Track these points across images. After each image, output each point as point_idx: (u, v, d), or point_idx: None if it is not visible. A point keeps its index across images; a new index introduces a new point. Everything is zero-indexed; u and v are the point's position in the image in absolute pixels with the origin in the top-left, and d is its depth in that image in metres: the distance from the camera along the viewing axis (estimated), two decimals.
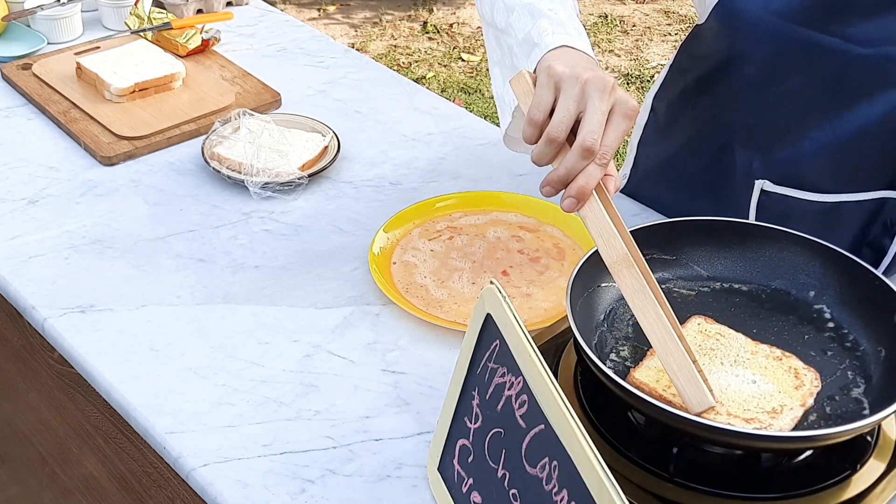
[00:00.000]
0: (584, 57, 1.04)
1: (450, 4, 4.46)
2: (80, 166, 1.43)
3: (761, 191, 1.28)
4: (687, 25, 4.29)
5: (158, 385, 1.08)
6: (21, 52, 1.67)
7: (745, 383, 0.96)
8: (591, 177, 0.95)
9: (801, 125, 1.23)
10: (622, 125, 0.97)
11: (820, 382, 0.97)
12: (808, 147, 1.23)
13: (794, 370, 0.97)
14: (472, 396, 0.90)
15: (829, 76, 1.19)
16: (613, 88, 0.98)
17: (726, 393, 0.95)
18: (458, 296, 1.20)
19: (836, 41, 1.16)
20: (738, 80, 1.25)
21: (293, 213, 1.35)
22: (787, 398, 0.94)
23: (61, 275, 1.23)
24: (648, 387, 0.95)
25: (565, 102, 0.97)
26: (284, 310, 1.18)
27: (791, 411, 0.93)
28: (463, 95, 3.75)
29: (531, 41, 1.08)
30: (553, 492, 0.76)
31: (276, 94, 1.59)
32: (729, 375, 0.97)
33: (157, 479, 1.13)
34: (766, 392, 0.95)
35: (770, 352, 1.00)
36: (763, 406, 0.94)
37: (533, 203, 1.35)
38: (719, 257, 1.11)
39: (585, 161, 0.95)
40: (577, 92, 0.97)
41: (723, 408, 0.93)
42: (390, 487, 0.97)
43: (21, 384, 1.43)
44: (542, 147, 0.98)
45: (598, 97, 0.96)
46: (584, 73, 0.98)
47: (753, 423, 0.92)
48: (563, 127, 0.97)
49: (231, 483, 0.97)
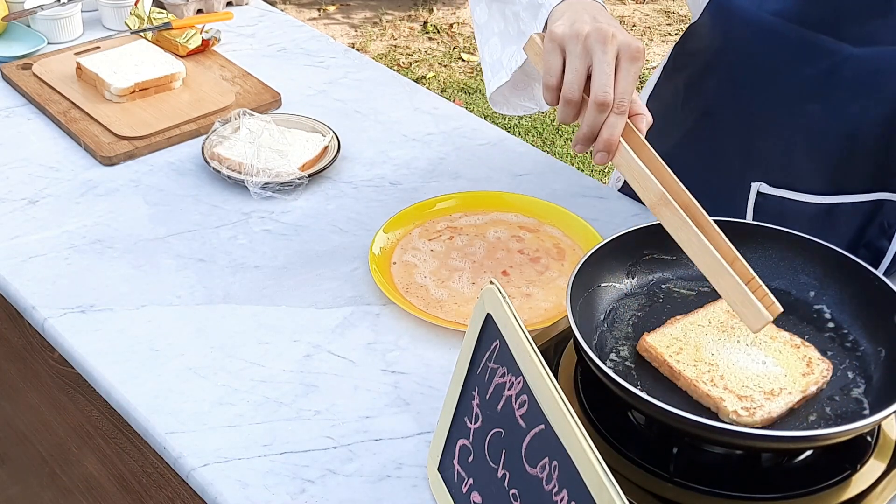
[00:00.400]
0: (590, 5, 1.07)
1: (450, 4, 4.46)
2: (80, 166, 1.43)
3: (758, 193, 1.28)
4: (687, 25, 4.29)
5: (158, 385, 1.08)
6: (21, 52, 1.67)
7: (754, 363, 0.97)
8: (613, 128, 0.99)
9: (793, 125, 1.23)
10: (631, 70, 1.00)
11: (830, 374, 0.97)
12: (799, 148, 1.23)
13: (809, 359, 0.98)
14: (472, 396, 0.90)
15: (820, 75, 1.19)
16: (614, 36, 1.00)
17: (732, 369, 0.96)
18: (458, 296, 1.20)
19: (829, 40, 1.17)
20: (729, 78, 1.26)
21: (293, 213, 1.35)
22: (790, 383, 0.95)
23: (61, 275, 1.23)
24: (656, 351, 0.97)
25: (571, 63, 1.00)
26: (284, 310, 1.18)
27: (788, 395, 0.94)
28: (463, 95, 3.75)
29: (535, 3, 1.12)
30: (553, 492, 0.76)
31: (276, 94, 1.59)
32: (741, 353, 0.98)
33: (157, 479, 1.13)
34: (771, 374, 0.96)
35: (790, 339, 1.01)
36: (762, 386, 0.94)
37: (533, 203, 1.35)
38: None
39: (604, 114, 0.99)
40: (580, 49, 1.00)
41: (722, 381, 0.95)
42: (390, 487, 0.97)
43: (21, 384, 1.43)
44: (562, 108, 1.02)
45: (600, 50, 0.99)
46: (583, 27, 1.01)
47: (746, 400, 0.92)
48: (575, 87, 1.00)
49: (231, 483, 0.97)
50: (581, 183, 1.44)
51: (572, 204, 1.36)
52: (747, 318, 0.91)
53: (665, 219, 0.96)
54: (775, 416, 0.92)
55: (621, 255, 1.08)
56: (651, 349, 0.98)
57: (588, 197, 1.41)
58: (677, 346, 0.98)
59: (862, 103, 1.19)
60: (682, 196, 0.97)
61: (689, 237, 0.94)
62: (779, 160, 1.26)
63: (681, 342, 0.99)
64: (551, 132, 3.53)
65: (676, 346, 0.98)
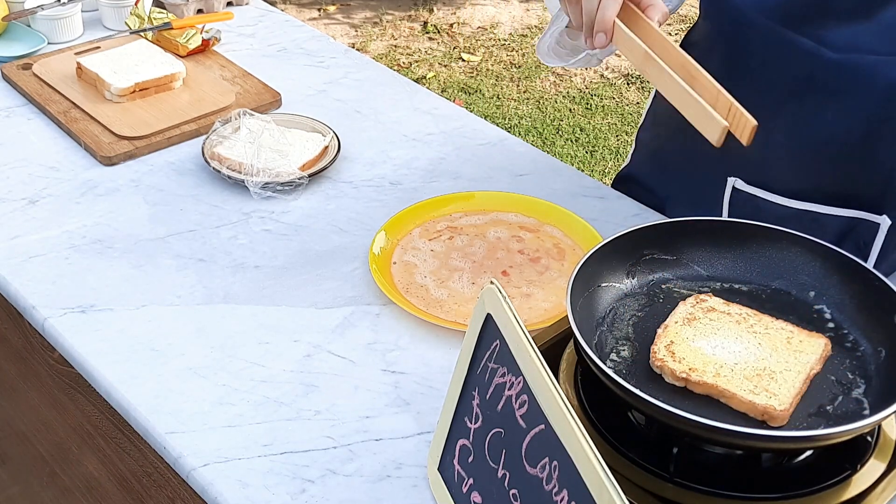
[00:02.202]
0: None
1: (450, 4, 4.46)
2: (80, 166, 1.43)
3: (733, 188, 1.30)
4: (687, 25, 4.29)
5: (158, 385, 1.08)
6: (21, 52, 1.67)
7: (753, 349, 0.99)
8: (606, 8, 1.06)
9: (770, 124, 1.24)
10: None
11: (828, 347, 0.99)
12: (775, 147, 1.24)
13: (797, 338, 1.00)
14: (472, 396, 0.90)
15: (799, 77, 1.20)
16: None
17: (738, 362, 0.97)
18: (458, 296, 1.20)
19: (810, 43, 1.18)
20: (714, 70, 1.27)
21: (293, 213, 1.35)
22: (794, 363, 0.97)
23: (61, 275, 1.23)
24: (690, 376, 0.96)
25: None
26: (284, 310, 1.18)
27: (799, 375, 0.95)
28: (463, 95, 3.75)
29: None
30: (553, 492, 0.76)
31: (276, 94, 1.59)
32: (737, 343, 0.99)
33: (157, 479, 1.13)
34: (767, 360, 0.97)
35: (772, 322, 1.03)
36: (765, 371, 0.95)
37: (533, 203, 1.35)
38: (719, 257, 1.11)
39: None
40: None
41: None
42: (390, 487, 0.97)
43: (21, 384, 1.43)
44: (586, 21, 1.10)
45: None
46: None
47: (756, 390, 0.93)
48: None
49: (231, 483, 0.97)
50: (581, 183, 1.44)
51: (572, 204, 1.37)
52: (703, 127, 1.00)
53: (645, 71, 1.05)
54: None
55: (621, 255, 1.08)
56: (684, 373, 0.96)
57: (588, 197, 1.41)
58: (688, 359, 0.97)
59: (836, 110, 1.20)
60: (659, 45, 1.07)
61: (653, 69, 1.04)
62: (755, 158, 1.27)
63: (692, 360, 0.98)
64: (551, 132, 3.53)
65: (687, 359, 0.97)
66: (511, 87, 3.81)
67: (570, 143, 3.47)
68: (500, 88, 3.80)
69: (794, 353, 0.98)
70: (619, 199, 1.41)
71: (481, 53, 4.04)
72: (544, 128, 3.56)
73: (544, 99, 3.73)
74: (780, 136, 1.24)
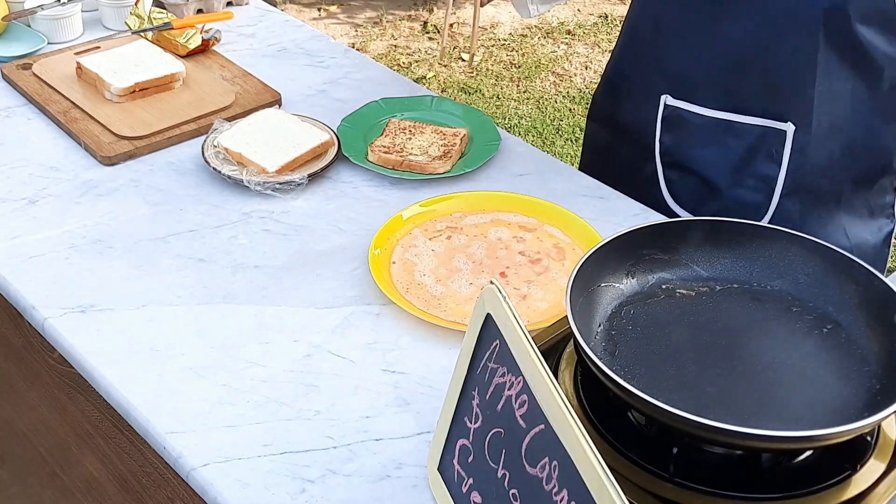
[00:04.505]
0: None
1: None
2: (80, 166, 1.43)
3: (664, 104, 1.42)
4: None
5: (158, 385, 1.08)
6: (21, 52, 1.67)
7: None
8: None
9: (693, 40, 1.37)
10: None
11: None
12: (699, 61, 1.37)
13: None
14: (472, 396, 0.90)
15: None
16: None
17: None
18: (457, 295, 1.20)
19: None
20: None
21: (293, 213, 1.35)
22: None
23: (61, 275, 1.23)
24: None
25: None
26: (285, 310, 1.18)
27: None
28: (463, 95, 3.75)
29: None
30: (553, 492, 0.76)
31: (277, 94, 1.59)
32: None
33: (157, 479, 1.13)
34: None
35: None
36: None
37: (533, 203, 1.35)
38: (719, 257, 1.11)
39: None
40: None
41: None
42: (390, 487, 0.97)
43: (21, 384, 1.43)
44: None
45: None
46: None
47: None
48: None
49: (231, 483, 0.97)
50: (581, 183, 1.44)
51: (572, 204, 1.37)
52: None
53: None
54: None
55: (621, 255, 1.08)
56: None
57: (588, 197, 1.41)
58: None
59: (745, 24, 1.31)
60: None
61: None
62: (682, 73, 1.40)
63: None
64: (551, 132, 3.53)
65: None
66: (511, 87, 3.81)
67: (570, 143, 3.47)
68: (499, 88, 3.80)
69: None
70: (619, 199, 1.41)
71: (481, 53, 4.04)
72: (544, 128, 3.56)
73: (544, 99, 3.73)
74: (700, 52, 1.37)
